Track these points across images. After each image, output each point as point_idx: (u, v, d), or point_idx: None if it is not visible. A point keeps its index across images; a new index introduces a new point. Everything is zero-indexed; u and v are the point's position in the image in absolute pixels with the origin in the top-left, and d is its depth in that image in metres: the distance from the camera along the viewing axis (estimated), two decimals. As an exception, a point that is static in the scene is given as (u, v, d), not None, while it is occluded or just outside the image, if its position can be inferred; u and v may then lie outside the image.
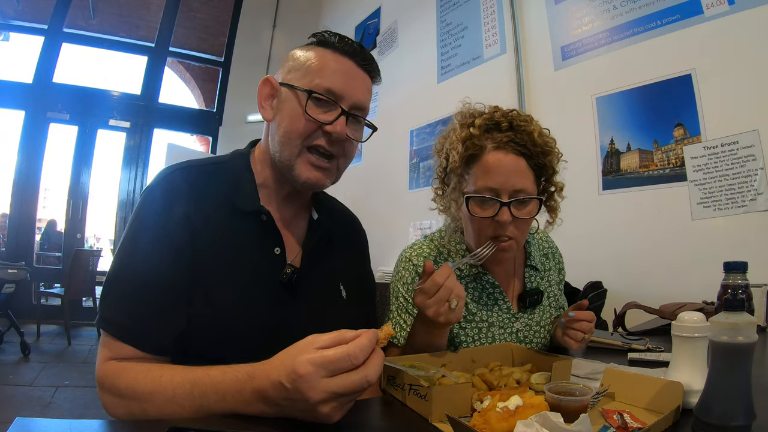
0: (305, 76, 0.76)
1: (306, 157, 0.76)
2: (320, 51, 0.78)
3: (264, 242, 0.78)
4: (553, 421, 0.47)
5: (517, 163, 0.90)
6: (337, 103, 0.75)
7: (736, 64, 1.79)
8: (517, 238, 0.92)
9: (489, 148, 0.90)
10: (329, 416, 0.52)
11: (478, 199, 0.90)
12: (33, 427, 0.53)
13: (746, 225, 1.71)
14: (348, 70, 0.78)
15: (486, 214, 0.89)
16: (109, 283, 0.70)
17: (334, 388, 0.50)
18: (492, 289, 1.02)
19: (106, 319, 0.68)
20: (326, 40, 0.79)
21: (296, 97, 0.75)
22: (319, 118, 0.74)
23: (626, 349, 1.05)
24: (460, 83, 3.16)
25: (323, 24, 5.55)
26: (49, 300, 4.83)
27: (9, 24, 5.07)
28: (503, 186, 0.88)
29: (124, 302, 0.68)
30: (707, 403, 0.52)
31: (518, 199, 0.89)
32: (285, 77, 0.78)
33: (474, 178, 0.91)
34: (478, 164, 0.91)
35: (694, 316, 0.64)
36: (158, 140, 5.38)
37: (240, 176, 0.80)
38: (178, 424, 0.50)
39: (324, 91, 0.74)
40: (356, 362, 0.51)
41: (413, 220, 3.33)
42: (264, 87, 0.80)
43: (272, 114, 0.79)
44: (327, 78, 0.75)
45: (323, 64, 0.76)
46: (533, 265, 1.08)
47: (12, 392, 2.73)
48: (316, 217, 0.87)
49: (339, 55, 0.78)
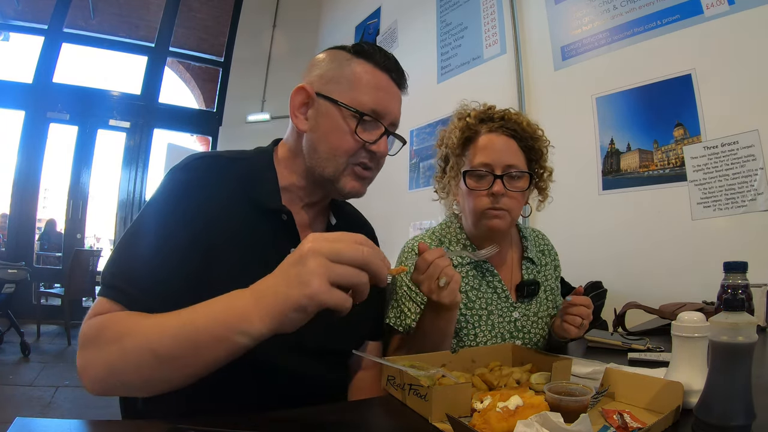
0: (348, 91, 0.76)
1: (351, 169, 0.78)
2: (360, 64, 0.78)
3: (280, 241, 0.77)
4: (553, 421, 0.47)
5: (508, 143, 1.02)
6: (380, 122, 0.77)
7: (736, 64, 1.79)
8: (511, 211, 1.01)
9: (483, 131, 1.03)
10: (313, 273, 0.50)
11: (475, 174, 1.01)
12: (33, 427, 0.53)
13: (746, 225, 1.71)
14: (388, 87, 0.79)
15: (481, 187, 1.00)
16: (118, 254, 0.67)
17: (328, 246, 0.51)
18: (491, 276, 1.06)
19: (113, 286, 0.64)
20: (365, 51, 0.79)
21: (341, 114, 0.76)
22: (364, 138, 0.76)
23: (626, 349, 1.05)
24: (460, 83, 3.16)
25: (323, 24, 5.56)
26: (49, 300, 4.83)
27: (9, 24, 5.07)
28: (496, 161, 0.99)
29: (132, 273, 0.65)
30: (707, 403, 0.52)
31: (510, 173, 0.99)
32: (323, 88, 0.77)
33: (470, 157, 1.03)
34: (473, 145, 1.04)
35: (694, 316, 0.64)
36: (158, 140, 5.39)
37: (263, 174, 0.80)
38: (179, 424, 0.50)
39: (370, 111, 0.76)
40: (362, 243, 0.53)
41: (413, 220, 3.33)
42: (298, 95, 0.78)
43: (308, 125, 0.78)
44: (371, 97, 0.76)
45: (365, 80, 0.77)
46: (530, 258, 1.13)
47: (12, 392, 2.73)
48: (335, 222, 0.89)
49: (378, 71, 0.78)
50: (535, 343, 1.08)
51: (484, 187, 0.99)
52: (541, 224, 2.52)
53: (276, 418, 0.55)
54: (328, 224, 0.88)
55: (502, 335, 1.04)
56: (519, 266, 1.12)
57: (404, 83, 0.83)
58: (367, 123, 0.76)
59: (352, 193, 0.80)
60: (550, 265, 1.17)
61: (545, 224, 2.50)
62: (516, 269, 1.12)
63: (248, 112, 5.36)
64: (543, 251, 1.19)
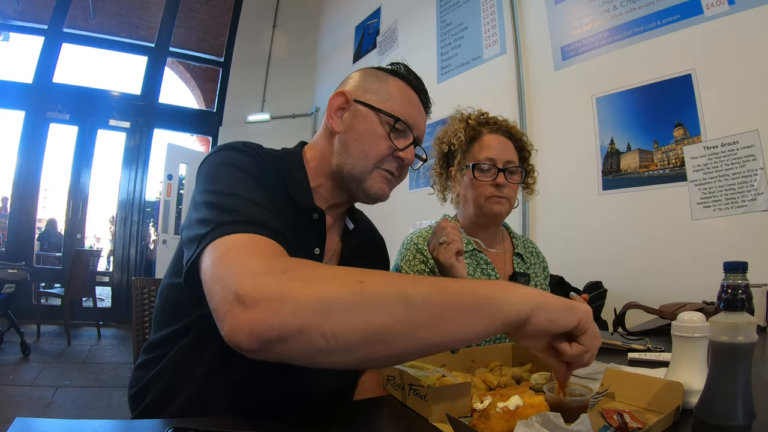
0: (385, 101, 0.81)
1: (379, 172, 0.81)
2: (397, 81, 0.84)
3: (308, 240, 0.78)
4: (553, 421, 0.47)
5: (506, 142, 1.20)
6: (411, 132, 0.82)
7: (736, 64, 1.79)
8: (509, 199, 1.17)
9: (485, 132, 1.21)
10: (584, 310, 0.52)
11: (480, 166, 1.15)
12: (33, 427, 0.52)
13: (746, 225, 1.71)
14: (418, 105, 0.86)
15: (486, 179, 1.15)
16: (217, 202, 0.59)
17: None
18: (485, 265, 1.19)
19: (242, 222, 0.55)
20: (401, 73, 0.86)
21: (378, 119, 0.80)
22: (396, 143, 0.81)
23: (626, 349, 1.05)
24: (460, 83, 3.16)
25: (323, 24, 5.56)
26: (49, 300, 4.83)
27: (9, 24, 5.07)
28: (499, 157, 1.16)
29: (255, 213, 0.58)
30: (707, 403, 0.52)
31: (509, 168, 1.16)
32: (361, 95, 0.82)
33: (476, 153, 1.18)
34: (477, 142, 1.20)
35: (694, 316, 0.64)
36: (158, 140, 5.39)
37: (295, 174, 0.81)
38: (179, 424, 0.50)
39: (405, 119, 0.81)
40: None
41: (413, 220, 3.33)
42: (337, 99, 0.83)
43: (342, 126, 0.82)
44: (405, 108, 0.82)
45: (401, 94, 0.83)
46: (520, 254, 1.27)
47: (12, 392, 2.73)
48: (352, 227, 0.91)
49: (411, 90, 0.85)
50: None
51: (489, 178, 1.15)
52: (542, 224, 2.53)
53: (276, 418, 0.55)
54: (345, 228, 0.90)
55: None
56: (510, 260, 1.25)
57: (429, 105, 0.90)
58: (398, 131, 0.81)
59: (378, 195, 0.82)
60: (539, 266, 1.30)
61: (546, 224, 2.51)
62: (508, 262, 1.25)
63: (248, 112, 5.36)
64: (532, 252, 1.31)
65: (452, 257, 0.94)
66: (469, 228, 1.22)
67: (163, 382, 0.72)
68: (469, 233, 1.21)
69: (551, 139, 2.44)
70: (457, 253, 0.94)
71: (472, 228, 1.21)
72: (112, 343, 4.31)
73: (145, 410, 0.73)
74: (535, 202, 2.47)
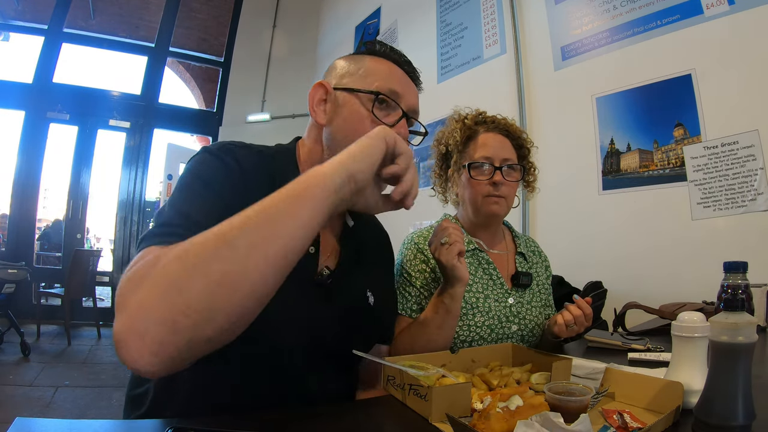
0: (364, 80, 0.78)
1: None
2: (373, 58, 0.81)
3: None
4: (553, 421, 0.47)
5: (503, 140, 1.19)
6: (398, 104, 0.78)
7: (736, 64, 1.78)
8: (507, 198, 1.15)
9: (481, 131, 1.19)
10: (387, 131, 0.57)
11: (477, 165, 1.14)
12: (33, 427, 0.52)
13: (746, 225, 1.71)
14: (401, 76, 0.81)
15: (483, 177, 1.13)
16: (163, 218, 0.61)
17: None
18: (487, 265, 1.17)
19: (163, 233, 0.57)
20: (377, 50, 0.83)
21: (358, 100, 0.77)
22: (384, 120, 0.76)
23: (626, 349, 1.05)
24: (460, 83, 3.16)
25: (323, 24, 5.56)
26: (49, 300, 4.83)
27: (9, 24, 5.07)
28: (495, 155, 1.14)
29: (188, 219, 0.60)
30: (707, 403, 0.52)
31: (506, 165, 1.14)
32: (339, 82, 0.80)
33: (472, 152, 1.17)
34: (474, 141, 1.19)
35: (694, 316, 0.64)
36: (158, 140, 5.39)
37: (287, 171, 0.78)
38: (179, 424, 0.50)
39: (387, 91, 0.77)
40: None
41: (413, 219, 3.33)
42: (317, 91, 0.80)
43: (327, 118, 0.79)
44: (386, 82, 0.78)
45: (379, 68, 0.79)
46: (522, 253, 1.25)
47: (12, 392, 2.73)
48: (352, 224, 0.87)
49: (390, 62, 0.82)
50: (531, 329, 1.13)
51: (486, 177, 1.13)
52: (542, 224, 2.52)
53: (276, 418, 0.55)
54: (344, 226, 0.88)
55: (499, 318, 1.10)
56: (513, 260, 1.23)
57: (417, 76, 0.85)
58: (384, 106, 0.77)
59: None
60: (541, 265, 1.28)
61: (546, 224, 2.51)
62: (510, 262, 1.23)
63: (248, 112, 5.36)
64: (534, 252, 1.29)
65: (454, 258, 0.93)
66: (469, 228, 1.20)
67: (162, 382, 0.72)
68: (470, 233, 1.19)
69: (551, 139, 2.44)
70: (459, 254, 0.94)
71: (473, 228, 1.20)
72: (112, 343, 4.29)
73: (145, 410, 0.73)
74: (535, 201, 2.47)
